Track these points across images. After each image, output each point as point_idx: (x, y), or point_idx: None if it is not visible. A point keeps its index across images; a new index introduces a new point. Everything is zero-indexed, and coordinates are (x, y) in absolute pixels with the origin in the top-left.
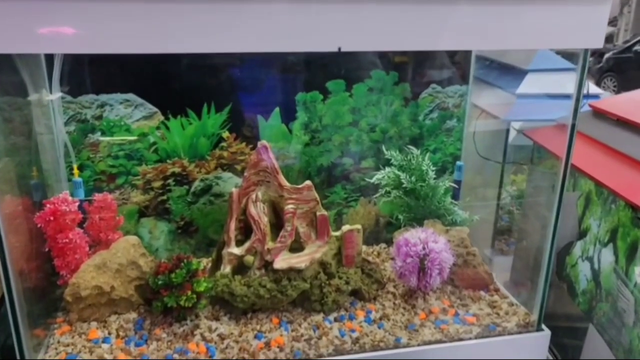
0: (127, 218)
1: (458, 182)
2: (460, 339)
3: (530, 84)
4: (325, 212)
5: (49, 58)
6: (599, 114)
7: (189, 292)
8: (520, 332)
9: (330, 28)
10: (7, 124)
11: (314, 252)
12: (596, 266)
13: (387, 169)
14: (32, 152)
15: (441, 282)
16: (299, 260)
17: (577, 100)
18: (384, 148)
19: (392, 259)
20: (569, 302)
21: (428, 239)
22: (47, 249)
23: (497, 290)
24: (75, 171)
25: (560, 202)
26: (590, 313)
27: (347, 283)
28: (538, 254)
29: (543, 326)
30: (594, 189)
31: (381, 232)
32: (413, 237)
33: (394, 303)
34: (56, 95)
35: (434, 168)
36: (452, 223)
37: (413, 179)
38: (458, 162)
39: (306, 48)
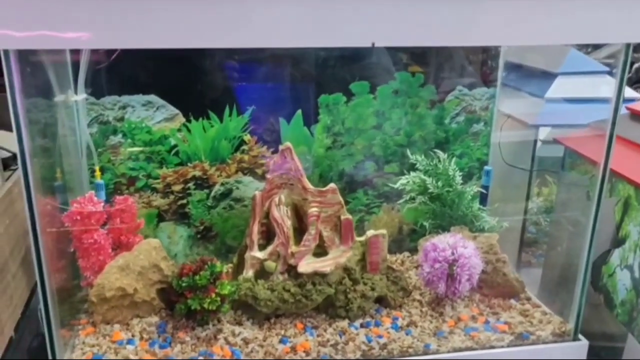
0: (147, 222)
1: (486, 188)
2: (492, 347)
3: (560, 88)
4: (349, 216)
5: (75, 59)
6: (637, 117)
7: (213, 295)
8: (555, 342)
9: (364, 21)
10: (33, 125)
11: (338, 256)
12: (637, 274)
13: (412, 174)
14: (55, 154)
15: (470, 289)
16: (324, 265)
17: (618, 101)
18: (408, 152)
19: (417, 267)
20: (606, 313)
21: (457, 244)
22: (72, 250)
23: (528, 299)
24: (97, 173)
25: (598, 209)
26: (629, 324)
27: (373, 289)
28: (571, 263)
29: (580, 336)
30: (633, 193)
31: (405, 240)
32: (441, 242)
33: (421, 310)
34: (81, 96)
35: (460, 173)
36: (479, 230)
37: (439, 184)
38: (486, 167)
39: (339, 43)
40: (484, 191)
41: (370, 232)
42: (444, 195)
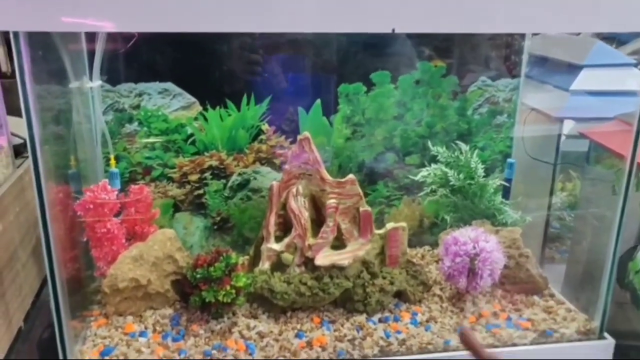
0: (162, 212)
1: (509, 181)
2: (514, 344)
3: (585, 80)
4: (368, 208)
5: (90, 46)
6: None
7: (228, 287)
8: (580, 340)
9: (384, 7)
10: (47, 112)
11: (356, 249)
12: None
13: (433, 166)
14: (70, 142)
15: (492, 284)
16: (342, 258)
17: None
18: (429, 144)
19: (437, 261)
20: (633, 312)
21: (479, 238)
22: (85, 239)
23: (552, 295)
24: (112, 162)
25: (625, 204)
26: None
27: (392, 284)
28: (596, 260)
29: (606, 334)
30: None
31: (425, 233)
32: (463, 235)
33: (441, 306)
34: (96, 83)
35: (482, 166)
36: (502, 224)
37: (461, 176)
38: (509, 160)
39: (358, 29)
40: (506, 184)
41: (389, 225)
42: (466, 188)
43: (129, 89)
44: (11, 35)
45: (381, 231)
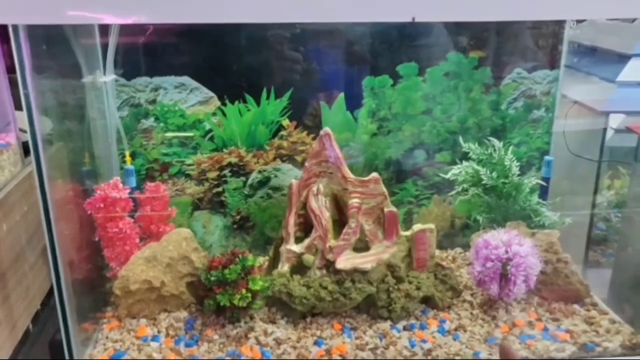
0: (180, 211)
1: (546, 180)
2: (551, 358)
3: (634, 71)
4: (394, 209)
5: (104, 38)
6: None
7: (244, 291)
8: (625, 355)
9: None
10: (61, 108)
11: (380, 252)
12: None
13: (465, 164)
14: (84, 138)
15: (526, 291)
16: (364, 261)
17: None
18: (461, 140)
19: (470, 264)
20: None
21: (512, 242)
22: (97, 239)
23: (594, 304)
24: (128, 158)
25: None
26: None
27: (418, 289)
28: None
29: None
30: None
31: (457, 235)
32: (494, 238)
33: (471, 313)
34: (110, 77)
35: (518, 163)
36: (539, 226)
37: (494, 174)
38: (547, 157)
39: (378, 18)
40: (544, 183)
41: (417, 227)
42: (500, 187)
43: (144, 84)
44: (10, 29)
45: (408, 233)
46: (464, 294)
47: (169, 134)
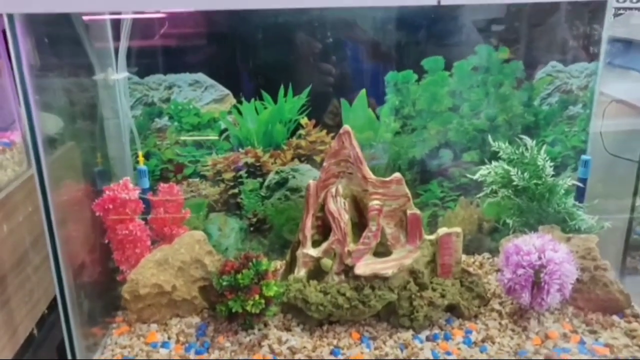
0: (195, 213)
1: (583, 181)
2: None
3: None
4: (417, 211)
5: (117, 35)
6: None
7: (257, 297)
8: None
9: None
10: (73, 106)
11: (402, 257)
12: None
13: (494, 164)
14: (97, 138)
15: (561, 300)
16: (385, 267)
17: None
18: (490, 138)
19: (499, 270)
20: None
21: (545, 247)
22: (106, 241)
23: (635, 316)
24: (141, 158)
25: None
26: None
27: (443, 296)
28: None
29: None
30: None
31: (484, 239)
32: (526, 243)
33: (500, 323)
34: (122, 74)
35: (551, 163)
36: (574, 230)
37: (526, 175)
38: (583, 157)
39: (402, 1)
40: (580, 185)
41: (442, 230)
42: (532, 189)
43: (157, 81)
44: (5, 19)
45: (432, 237)
46: (492, 303)
47: (184, 137)
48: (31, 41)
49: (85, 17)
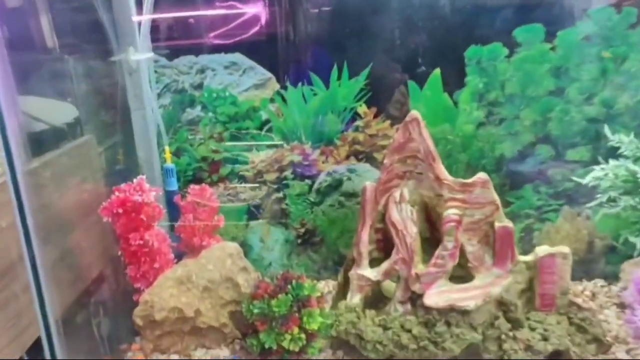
0: (233, 220)
1: None
2: None
3: None
4: (509, 223)
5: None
6: None
7: (296, 329)
8: None
9: None
10: (95, 95)
11: (488, 284)
12: None
13: (612, 163)
14: (119, 131)
15: None
16: (466, 296)
17: None
18: (606, 130)
19: (619, 305)
20: None
21: None
22: (119, 253)
23: None
24: (168, 155)
25: None
26: None
27: (545, 339)
28: None
29: None
30: None
31: (596, 261)
32: None
33: None
34: (144, 55)
35: None
36: None
37: None
38: None
39: None
40: None
41: (542, 249)
42: None
43: (188, 64)
44: None
45: (528, 258)
46: (614, 349)
47: (219, 121)
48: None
49: None
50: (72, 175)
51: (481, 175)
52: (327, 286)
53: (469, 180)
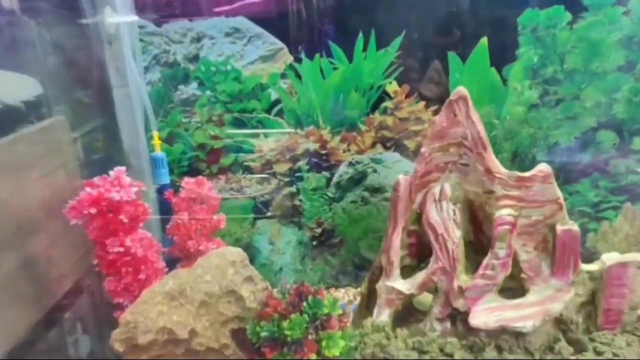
0: (237, 219)
1: None
2: None
3: None
4: (574, 227)
5: None
6: None
7: (314, 356)
8: None
9: None
10: (67, 69)
11: (547, 299)
12: None
13: None
14: (102, 113)
15: None
16: (521, 315)
17: None
18: None
19: None
20: None
21: None
22: (95, 262)
23: None
24: (156, 142)
25: None
26: None
27: None
28: None
29: None
30: None
31: None
32: None
33: None
34: (125, 17)
35: None
36: None
37: None
38: None
39: None
40: None
41: (610, 257)
42: None
43: (181, 30)
44: None
45: (594, 267)
46: None
47: (220, 101)
48: None
49: None
50: (35, 166)
51: (542, 168)
52: (346, 295)
53: (527, 174)
